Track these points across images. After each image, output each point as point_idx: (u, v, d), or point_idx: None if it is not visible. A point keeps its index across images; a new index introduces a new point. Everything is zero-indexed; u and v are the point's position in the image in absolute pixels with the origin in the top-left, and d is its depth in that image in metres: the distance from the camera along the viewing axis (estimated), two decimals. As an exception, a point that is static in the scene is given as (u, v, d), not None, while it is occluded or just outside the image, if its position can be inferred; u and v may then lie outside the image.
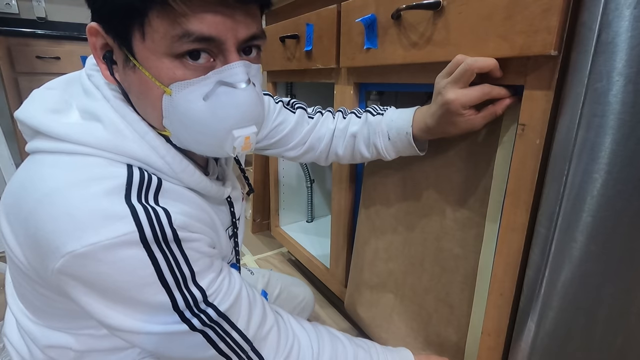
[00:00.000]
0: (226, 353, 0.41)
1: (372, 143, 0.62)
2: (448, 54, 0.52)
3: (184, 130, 0.39)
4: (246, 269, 0.89)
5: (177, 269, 0.37)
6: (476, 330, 0.59)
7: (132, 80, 0.38)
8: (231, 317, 0.42)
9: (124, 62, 0.37)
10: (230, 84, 0.37)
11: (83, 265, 0.33)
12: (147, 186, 0.38)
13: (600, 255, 0.41)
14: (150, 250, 0.35)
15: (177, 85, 0.36)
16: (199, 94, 0.37)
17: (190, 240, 0.39)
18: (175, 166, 0.40)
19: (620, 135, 0.36)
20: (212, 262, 0.42)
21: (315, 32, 0.83)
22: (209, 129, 0.38)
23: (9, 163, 1.09)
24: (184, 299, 0.38)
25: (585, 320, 0.44)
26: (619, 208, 0.38)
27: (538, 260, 0.46)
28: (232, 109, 0.38)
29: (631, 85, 0.35)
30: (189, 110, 0.37)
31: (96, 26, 0.37)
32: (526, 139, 0.46)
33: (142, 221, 0.35)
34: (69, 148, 0.37)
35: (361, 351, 0.54)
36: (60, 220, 0.33)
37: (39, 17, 2.07)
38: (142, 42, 0.35)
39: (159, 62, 0.35)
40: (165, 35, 0.34)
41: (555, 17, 0.39)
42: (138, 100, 0.39)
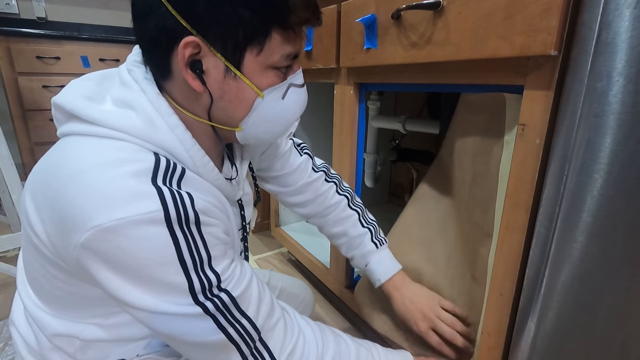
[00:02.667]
0: (235, 340, 0.42)
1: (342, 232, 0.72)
2: (448, 54, 0.52)
3: (262, 124, 0.46)
4: (246, 269, 0.89)
5: (196, 251, 0.39)
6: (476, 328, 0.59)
7: (229, 89, 0.43)
8: (242, 304, 0.43)
9: (224, 72, 0.42)
10: (297, 85, 0.47)
11: (108, 239, 0.35)
12: (172, 172, 0.41)
13: (600, 255, 0.41)
14: (172, 230, 0.37)
15: (269, 90, 0.44)
16: (280, 94, 0.45)
17: (209, 225, 0.41)
18: (197, 160, 0.44)
19: (620, 135, 0.36)
20: (226, 249, 0.44)
21: (315, 32, 0.83)
22: (284, 120, 0.48)
23: (9, 163, 1.09)
24: (200, 282, 0.39)
25: (585, 320, 0.44)
26: (619, 208, 0.38)
27: (538, 260, 0.46)
28: (300, 105, 0.49)
29: (631, 85, 0.35)
30: (273, 108, 0.46)
31: (197, 40, 0.39)
32: (526, 139, 0.46)
33: (167, 201, 0.37)
34: (101, 132, 0.39)
35: (363, 350, 0.55)
36: (89, 196, 0.35)
37: (39, 17, 2.07)
38: (256, 57, 0.41)
39: (262, 73, 0.43)
40: (279, 51, 0.42)
41: (555, 17, 0.39)
42: (229, 105, 0.44)
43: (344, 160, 0.85)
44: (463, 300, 0.63)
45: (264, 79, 0.43)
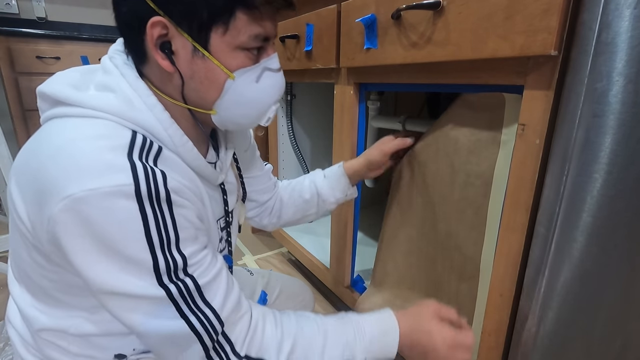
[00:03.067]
0: (197, 329, 0.42)
1: (312, 182, 0.75)
2: (448, 54, 0.52)
3: (236, 107, 0.47)
4: (245, 270, 0.89)
5: (164, 229, 0.39)
6: (476, 330, 0.59)
7: (198, 69, 0.44)
8: (207, 294, 0.43)
9: (191, 52, 0.43)
10: (272, 69, 0.48)
11: (79, 210, 0.35)
12: (148, 149, 0.41)
13: (600, 255, 0.41)
14: (142, 205, 0.38)
15: (240, 72, 0.45)
16: (253, 77, 0.46)
17: (180, 206, 0.41)
18: (176, 139, 0.45)
19: (620, 135, 0.36)
20: (197, 235, 0.44)
21: (315, 32, 0.83)
22: (259, 104, 0.48)
23: (9, 163, 1.09)
24: (166, 262, 0.39)
25: (585, 320, 0.44)
26: (619, 208, 0.38)
27: (538, 260, 0.46)
28: (276, 89, 0.49)
29: (631, 85, 0.35)
30: (246, 91, 0.46)
31: (164, 21, 0.41)
32: (526, 139, 0.46)
33: (139, 176, 0.38)
34: (81, 112, 0.41)
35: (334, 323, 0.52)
36: (65, 169, 0.36)
37: (39, 17, 2.07)
38: (222, 37, 0.42)
39: (230, 53, 0.43)
40: (245, 32, 0.43)
41: (555, 17, 0.39)
42: (200, 86, 0.45)
43: (344, 159, 0.85)
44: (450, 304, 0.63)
45: (233, 60, 0.44)
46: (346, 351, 0.49)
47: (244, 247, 1.50)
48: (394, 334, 0.51)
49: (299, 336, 0.49)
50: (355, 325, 0.51)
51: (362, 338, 0.50)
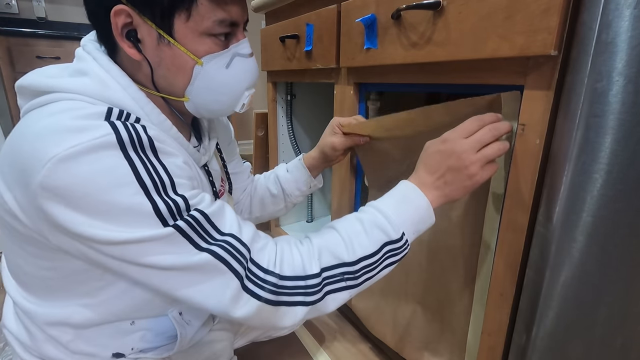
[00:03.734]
0: (223, 256, 0.40)
1: (276, 177, 0.76)
2: (448, 54, 0.52)
3: (207, 93, 0.47)
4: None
5: (156, 174, 0.39)
6: (476, 330, 0.59)
7: (165, 55, 0.44)
8: (219, 224, 0.42)
9: (157, 39, 0.43)
10: (243, 55, 0.48)
11: (64, 170, 0.35)
12: (126, 117, 0.41)
13: (600, 255, 0.41)
14: (127, 153, 0.38)
15: (208, 57, 0.45)
16: (223, 63, 0.46)
17: (166, 153, 0.42)
18: (153, 117, 0.45)
19: (620, 135, 0.36)
20: (193, 185, 0.43)
21: (315, 32, 0.83)
22: (231, 89, 0.49)
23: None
24: (166, 205, 0.38)
25: (585, 320, 0.44)
26: (619, 208, 0.38)
27: (538, 260, 0.46)
28: (248, 74, 0.49)
29: (631, 85, 0.35)
30: (217, 76, 0.46)
31: (127, 8, 0.41)
32: (526, 139, 0.46)
33: (119, 128, 0.38)
34: (56, 97, 0.41)
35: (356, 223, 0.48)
36: (44, 137, 0.36)
37: (39, 17, 2.07)
38: (185, 22, 0.42)
39: (196, 39, 0.44)
40: (209, 17, 0.43)
41: (555, 17, 0.39)
42: (168, 72, 0.45)
43: (344, 160, 0.85)
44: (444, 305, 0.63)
45: (199, 46, 0.44)
46: (374, 231, 0.46)
47: (244, 247, 1.50)
48: (406, 186, 0.48)
49: (326, 243, 0.47)
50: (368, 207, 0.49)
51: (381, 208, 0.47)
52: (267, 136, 1.32)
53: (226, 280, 0.40)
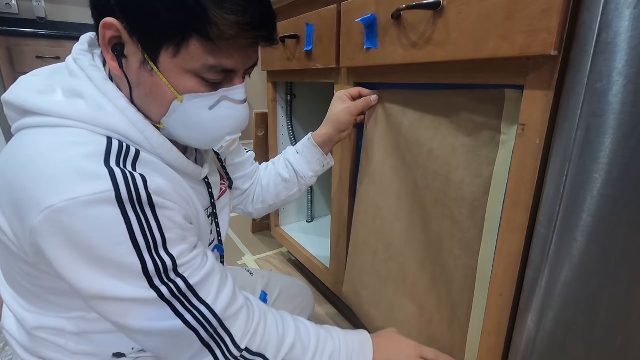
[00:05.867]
0: (193, 326, 0.42)
1: (286, 161, 0.74)
2: (448, 54, 0.52)
3: (183, 129, 0.45)
4: (245, 270, 0.89)
5: (149, 232, 0.39)
6: (476, 330, 0.59)
7: (144, 80, 0.42)
8: (200, 292, 0.43)
9: (140, 62, 0.41)
10: (233, 100, 0.45)
11: (60, 220, 0.35)
12: (125, 154, 0.40)
13: (600, 255, 0.41)
14: (124, 209, 0.37)
15: (190, 96, 0.42)
16: (206, 104, 0.44)
17: (164, 207, 0.41)
18: (153, 141, 0.44)
19: (620, 135, 0.36)
20: (186, 236, 0.43)
21: (315, 32, 0.83)
22: (210, 132, 0.46)
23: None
24: (154, 264, 0.39)
25: (585, 320, 0.44)
26: (619, 208, 0.38)
27: (538, 260, 0.46)
28: (232, 120, 0.46)
29: (631, 85, 0.35)
30: (195, 115, 0.44)
31: (117, 24, 0.39)
32: (526, 139, 0.46)
33: (118, 182, 0.37)
34: (52, 122, 0.39)
35: (322, 331, 0.55)
36: (41, 180, 0.35)
37: (39, 17, 2.07)
38: (172, 58, 0.40)
39: (180, 76, 0.41)
40: (198, 60, 0.40)
41: (555, 17, 0.39)
42: (145, 97, 0.43)
43: (344, 160, 0.85)
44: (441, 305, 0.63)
45: (182, 82, 0.41)
46: (334, 356, 0.52)
47: (244, 247, 1.50)
48: (369, 350, 0.56)
49: (297, 337, 0.50)
50: (340, 335, 0.55)
51: (345, 348, 0.54)
52: (267, 136, 1.32)
53: (192, 345, 0.42)
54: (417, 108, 0.64)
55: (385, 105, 0.70)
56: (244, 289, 0.81)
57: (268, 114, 1.25)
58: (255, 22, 0.40)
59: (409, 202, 0.68)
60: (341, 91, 0.72)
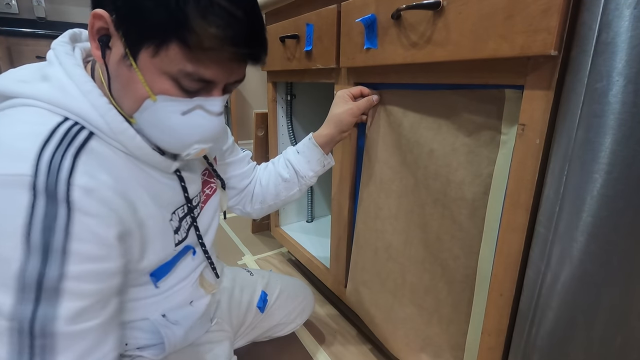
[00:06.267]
0: None
1: (286, 160, 0.74)
2: (448, 54, 0.52)
3: (152, 128, 0.45)
4: (245, 270, 0.89)
5: (50, 233, 0.35)
6: (476, 330, 0.59)
7: (122, 74, 0.42)
8: None
9: (121, 56, 0.41)
10: (207, 111, 0.45)
11: None
12: (71, 140, 0.40)
13: (600, 255, 0.41)
14: (35, 199, 0.35)
15: (164, 97, 0.42)
16: (180, 109, 0.43)
17: (85, 212, 0.37)
18: (114, 126, 0.43)
19: (620, 135, 0.36)
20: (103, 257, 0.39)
21: (315, 32, 0.83)
22: (178, 136, 0.45)
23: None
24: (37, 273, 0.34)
25: (585, 320, 0.44)
26: (619, 208, 0.38)
27: (538, 260, 0.46)
28: (203, 130, 0.45)
29: (631, 85, 0.35)
30: (166, 118, 0.43)
31: (107, 17, 0.40)
32: (526, 139, 0.46)
33: (40, 168, 0.36)
34: (19, 102, 0.41)
35: None
36: None
37: (39, 17, 2.07)
38: (150, 57, 0.40)
39: (157, 77, 0.41)
40: (176, 65, 0.40)
41: (555, 17, 0.39)
42: (120, 89, 0.43)
43: (344, 160, 0.85)
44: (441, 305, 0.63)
45: (157, 83, 0.41)
46: None
47: (244, 247, 1.50)
48: None
49: None
50: None
51: None
52: (267, 136, 1.32)
53: None
54: (418, 108, 0.64)
55: (385, 105, 0.70)
56: (243, 289, 0.82)
57: (268, 114, 1.25)
58: (238, 39, 0.40)
59: (409, 202, 0.68)
60: (343, 90, 0.72)
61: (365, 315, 0.85)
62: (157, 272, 0.52)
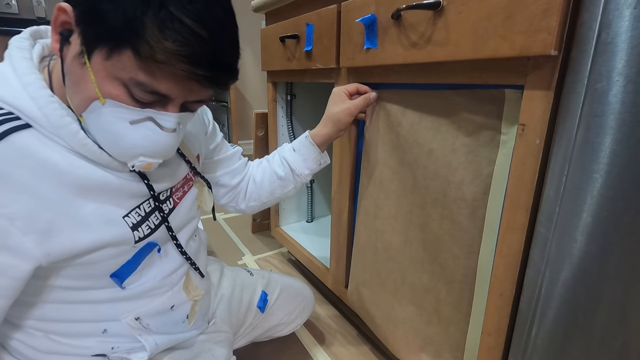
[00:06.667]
0: None
1: (282, 158, 0.73)
2: (448, 54, 0.52)
3: (97, 131, 0.43)
4: (245, 270, 0.89)
5: None
6: (476, 330, 0.59)
7: (75, 71, 0.41)
8: None
9: (77, 52, 0.41)
10: (159, 126, 0.43)
11: None
12: (5, 120, 0.40)
13: (600, 255, 0.41)
14: None
15: (113, 102, 0.41)
16: (128, 117, 0.42)
17: None
18: (53, 119, 0.41)
19: (620, 135, 0.36)
20: None
21: (315, 32, 0.83)
22: (123, 145, 0.43)
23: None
24: None
25: (585, 320, 0.44)
26: (619, 208, 0.38)
27: (538, 260, 0.46)
28: (150, 143, 0.43)
29: (631, 85, 0.35)
30: (113, 124, 0.42)
31: (70, 11, 0.40)
32: (526, 139, 0.46)
33: None
34: None
35: None
36: None
37: (39, 17, 2.07)
38: (103, 60, 0.39)
39: (108, 80, 0.40)
40: (128, 72, 0.39)
41: (555, 17, 0.39)
42: (71, 86, 0.43)
43: (344, 160, 0.85)
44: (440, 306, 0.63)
45: (107, 86, 0.40)
46: None
47: (243, 247, 1.50)
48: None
49: None
50: None
51: None
52: (267, 136, 1.32)
53: None
54: (417, 108, 0.64)
55: (385, 105, 0.70)
56: (244, 289, 0.82)
57: (268, 114, 1.25)
58: (195, 59, 0.38)
59: (408, 202, 0.68)
60: (338, 88, 0.72)
61: (366, 315, 0.85)
62: (119, 273, 0.50)
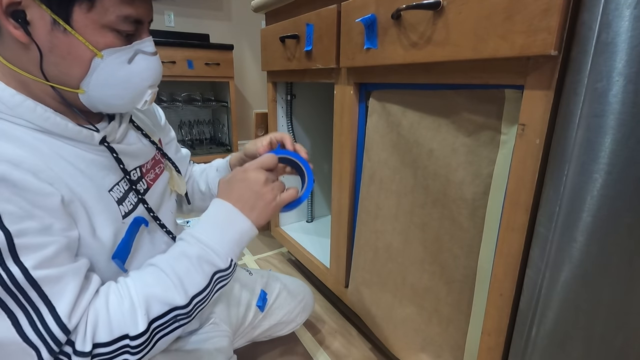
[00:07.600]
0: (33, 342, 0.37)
1: (206, 174, 0.77)
2: (448, 54, 0.52)
3: (106, 88, 0.46)
4: (245, 269, 0.89)
5: None
6: (476, 330, 0.59)
7: (58, 43, 0.41)
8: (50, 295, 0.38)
9: (51, 24, 0.40)
10: (146, 53, 0.47)
11: None
12: None
13: (600, 255, 0.41)
14: None
15: (109, 51, 0.43)
16: (125, 58, 0.45)
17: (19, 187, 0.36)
18: (6, 100, 0.41)
19: (620, 135, 0.36)
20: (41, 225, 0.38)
21: (315, 32, 0.83)
22: (133, 85, 0.47)
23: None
24: None
25: (585, 320, 0.44)
26: (619, 208, 0.38)
27: (538, 260, 0.46)
28: (151, 72, 0.48)
29: (631, 85, 0.35)
30: (117, 71, 0.45)
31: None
32: (526, 139, 0.46)
33: None
34: None
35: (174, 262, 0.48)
36: None
37: None
38: (86, 13, 0.40)
39: (97, 32, 0.42)
40: (112, 12, 0.41)
41: (555, 17, 0.39)
42: (61, 61, 0.42)
43: (344, 160, 0.85)
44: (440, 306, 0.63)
45: (100, 38, 0.42)
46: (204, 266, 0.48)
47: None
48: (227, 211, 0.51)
49: (153, 291, 0.45)
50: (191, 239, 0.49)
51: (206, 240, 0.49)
52: (267, 136, 1.32)
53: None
54: (417, 108, 0.64)
55: (385, 105, 0.70)
56: (243, 289, 0.82)
57: (268, 114, 1.25)
58: None
59: (408, 202, 0.68)
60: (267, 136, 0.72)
61: (366, 315, 0.85)
62: (118, 253, 0.49)
